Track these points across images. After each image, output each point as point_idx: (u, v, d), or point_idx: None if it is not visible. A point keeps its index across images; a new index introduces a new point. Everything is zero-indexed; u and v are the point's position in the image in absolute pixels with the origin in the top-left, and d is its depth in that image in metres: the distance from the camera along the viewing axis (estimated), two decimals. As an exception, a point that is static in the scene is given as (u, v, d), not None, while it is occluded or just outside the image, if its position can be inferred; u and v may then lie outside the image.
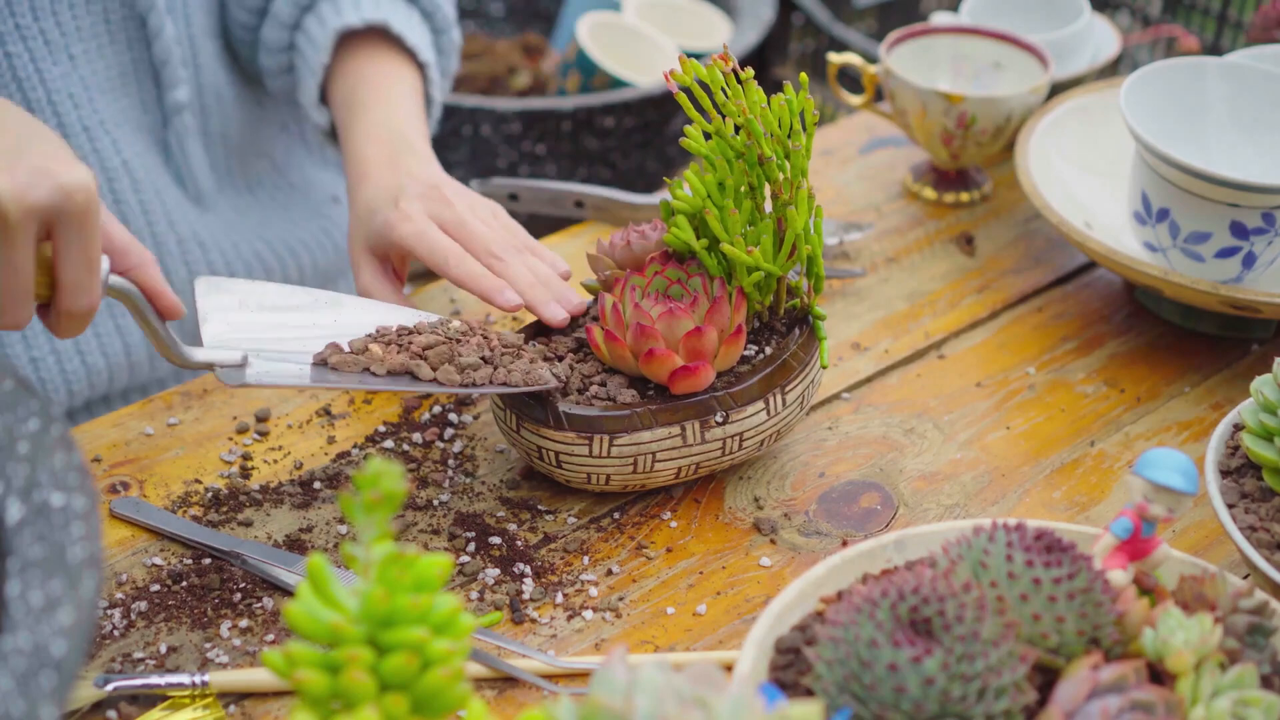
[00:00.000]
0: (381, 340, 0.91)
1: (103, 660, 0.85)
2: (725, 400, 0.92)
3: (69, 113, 1.11)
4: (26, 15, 1.09)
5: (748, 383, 0.93)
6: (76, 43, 1.11)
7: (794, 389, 0.95)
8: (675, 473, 0.94)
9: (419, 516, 0.96)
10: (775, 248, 0.94)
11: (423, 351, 0.90)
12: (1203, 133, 1.13)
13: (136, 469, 0.99)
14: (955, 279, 1.20)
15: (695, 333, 0.90)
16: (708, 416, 0.92)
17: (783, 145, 0.92)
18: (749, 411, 0.93)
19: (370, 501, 0.60)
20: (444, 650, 0.61)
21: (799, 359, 0.95)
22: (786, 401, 0.94)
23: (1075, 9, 1.34)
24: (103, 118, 1.13)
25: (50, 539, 0.54)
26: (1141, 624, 0.71)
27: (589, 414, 0.91)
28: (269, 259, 1.27)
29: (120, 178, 1.15)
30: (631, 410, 0.91)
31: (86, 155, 1.13)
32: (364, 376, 0.89)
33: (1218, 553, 0.95)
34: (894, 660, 0.65)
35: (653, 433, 0.91)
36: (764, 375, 0.93)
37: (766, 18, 2.06)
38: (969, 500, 0.99)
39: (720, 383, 0.93)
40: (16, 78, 1.09)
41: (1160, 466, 0.73)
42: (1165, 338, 1.14)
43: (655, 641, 0.88)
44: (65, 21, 1.10)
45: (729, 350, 0.92)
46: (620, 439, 0.91)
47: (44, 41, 1.10)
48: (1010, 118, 1.23)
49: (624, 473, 0.92)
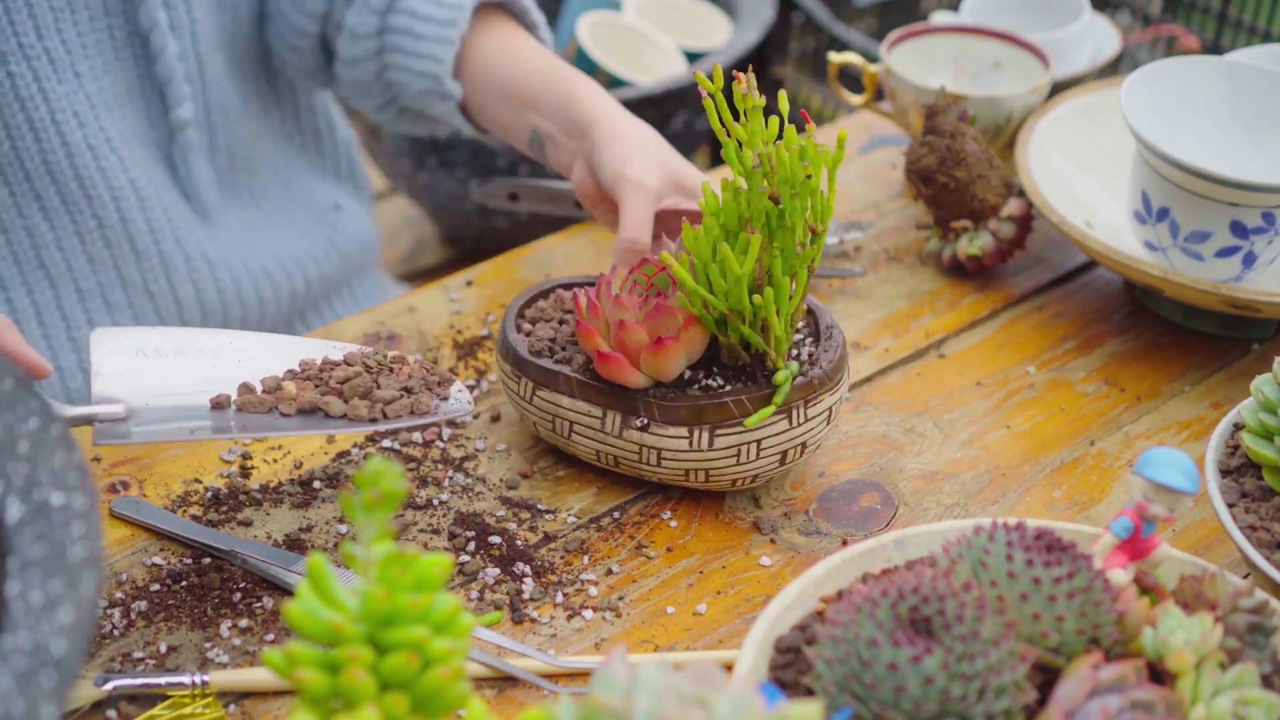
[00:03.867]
0: (301, 376, 0.89)
1: (103, 660, 0.85)
2: (652, 408, 0.92)
3: (74, 131, 1.11)
4: (30, 34, 1.08)
5: (679, 404, 0.91)
6: (82, 60, 1.11)
7: (725, 435, 0.91)
8: (595, 455, 0.96)
9: (419, 516, 0.96)
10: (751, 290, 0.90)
11: (340, 385, 0.89)
12: (1203, 132, 1.13)
13: (136, 468, 0.99)
14: (955, 278, 1.20)
15: (621, 325, 0.91)
16: (630, 415, 0.92)
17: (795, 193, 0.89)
18: (670, 432, 0.92)
19: (370, 501, 0.60)
20: (444, 650, 0.61)
21: (742, 408, 0.91)
22: (713, 443, 0.92)
23: (1075, 8, 1.34)
24: (108, 135, 1.13)
25: (50, 538, 0.54)
26: (1141, 623, 0.71)
27: (532, 359, 0.96)
28: (276, 273, 1.26)
29: (127, 196, 1.14)
30: (560, 372, 0.94)
31: (92, 174, 1.12)
32: (272, 419, 0.87)
33: (1218, 552, 0.95)
34: (894, 659, 0.65)
35: (572, 401, 0.94)
36: (697, 406, 0.91)
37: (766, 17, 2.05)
38: (969, 499, 0.99)
39: (658, 392, 0.92)
40: (19, 97, 1.08)
41: (1160, 466, 0.73)
42: (1165, 337, 1.14)
43: (655, 641, 0.88)
44: (70, 39, 1.10)
45: (653, 358, 0.90)
46: (543, 391, 0.95)
47: (48, 60, 1.09)
48: (1010, 117, 1.23)
49: (545, 426, 0.97)
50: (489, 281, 1.19)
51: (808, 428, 0.94)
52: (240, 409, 0.87)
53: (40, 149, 1.10)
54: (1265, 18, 1.60)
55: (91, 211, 1.13)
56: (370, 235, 1.37)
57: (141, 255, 1.16)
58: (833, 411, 0.95)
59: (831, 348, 0.95)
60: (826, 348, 0.95)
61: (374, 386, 0.89)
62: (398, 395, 0.89)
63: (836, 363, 0.94)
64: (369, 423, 0.88)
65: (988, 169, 1.17)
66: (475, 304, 1.16)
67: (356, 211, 1.36)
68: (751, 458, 0.93)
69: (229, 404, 0.88)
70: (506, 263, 1.21)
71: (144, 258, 1.17)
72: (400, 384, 0.90)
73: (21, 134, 1.09)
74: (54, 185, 1.12)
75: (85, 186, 1.13)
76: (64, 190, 1.12)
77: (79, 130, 1.11)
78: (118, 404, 0.86)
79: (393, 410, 0.88)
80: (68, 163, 1.11)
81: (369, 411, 0.88)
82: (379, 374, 0.90)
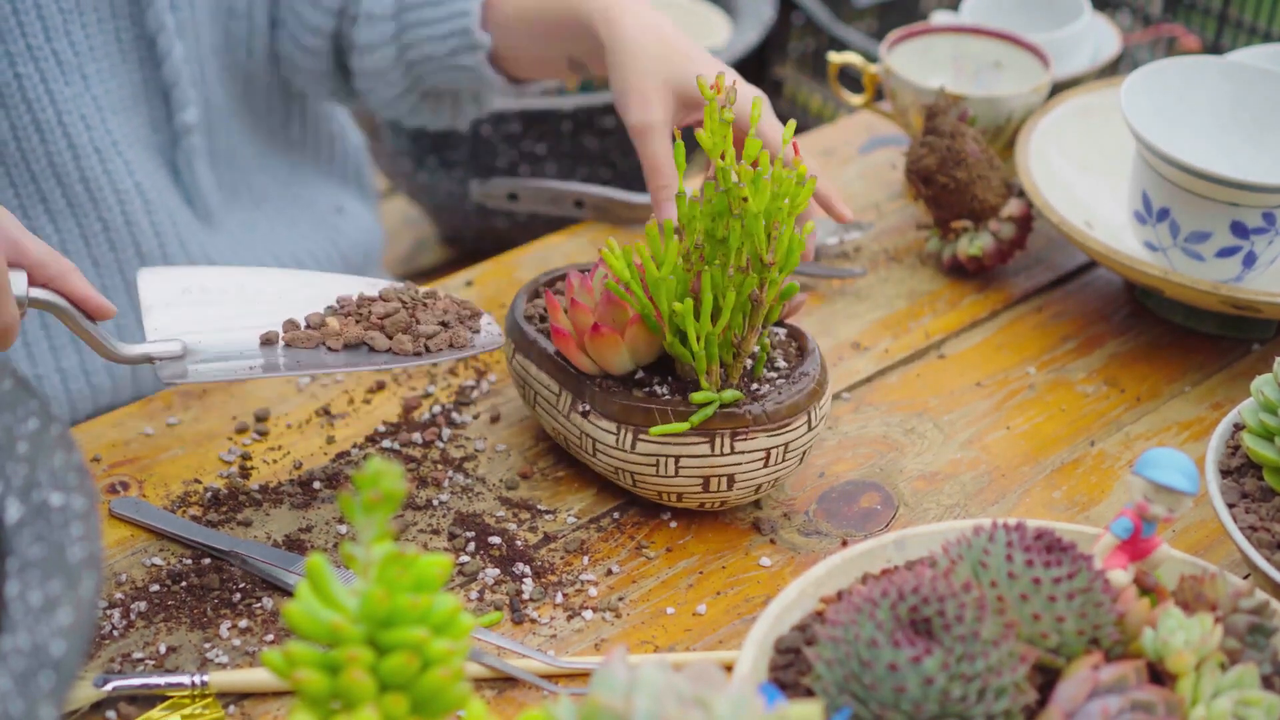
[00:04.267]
0: (341, 312, 0.91)
1: (102, 660, 0.85)
2: (595, 397, 0.92)
3: (80, 134, 1.11)
4: (39, 35, 1.08)
5: (616, 399, 0.91)
6: (89, 62, 1.10)
7: (646, 441, 0.90)
8: (552, 430, 0.96)
9: (419, 516, 0.96)
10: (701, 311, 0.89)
11: (381, 320, 0.90)
12: (1203, 132, 1.13)
13: (136, 469, 0.99)
14: (955, 278, 1.20)
15: (574, 304, 0.91)
16: (577, 399, 0.93)
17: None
18: (604, 425, 0.91)
19: (370, 501, 0.60)
20: (444, 650, 0.61)
21: (665, 418, 0.90)
22: (634, 446, 0.91)
23: (1076, 8, 1.34)
24: (115, 139, 1.13)
25: (49, 539, 0.54)
26: (1142, 624, 0.71)
27: (520, 323, 0.98)
28: None
29: (132, 200, 1.14)
30: (535, 341, 0.96)
31: (98, 176, 1.12)
32: (320, 354, 0.89)
33: (1218, 553, 0.95)
34: (894, 660, 0.65)
35: (538, 372, 0.95)
36: (628, 405, 0.90)
37: (766, 17, 2.05)
38: (969, 500, 0.99)
39: (604, 383, 0.92)
40: (26, 99, 1.08)
41: (1161, 466, 0.73)
42: (1165, 337, 1.14)
43: (655, 641, 0.88)
44: (78, 41, 1.10)
45: (591, 343, 0.90)
46: (519, 356, 0.97)
47: (56, 62, 1.09)
48: (1010, 117, 1.23)
49: (519, 389, 0.99)
50: (489, 281, 1.19)
51: (734, 461, 0.90)
52: (289, 345, 0.89)
53: (47, 151, 1.10)
54: (1265, 18, 1.60)
55: (97, 214, 1.13)
56: (374, 238, 1.37)
57: (146, 258, 1.16)
58: (773, 455, 0.91)
59: (789, 391, 0.91)
60: (782, 390, 0.91)
61: (413, 321, 0.91)
62: (437, 329, 0.90)
63: (783, 408, 0.90)
64: (413, 356, 0.89)
65: (988, 169, 1.17)
66: (475, 304, 1.15)
67: (360, 214, 1.36)
68: (670, 472, 0.91)
69: (277, 340, 0.89)
70: (506, 263, 1.21)
71: (148, 260, 1.17)
72: (437, 318, 0.91)
73: (28, 136, 1.09)
74: (60, 188, 1.12)
75: (91, 189, 1.12)
76: (70, 193, 1.12)
77: (85, 133, 1.11)
78: (175, 342, 0.88)
79: (434, 344, 0.90)
80: (74, 165, 1.11)
81: (413, 345, 0.90)
82: (415, 309, 0.92)
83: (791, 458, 0.92)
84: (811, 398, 0.92)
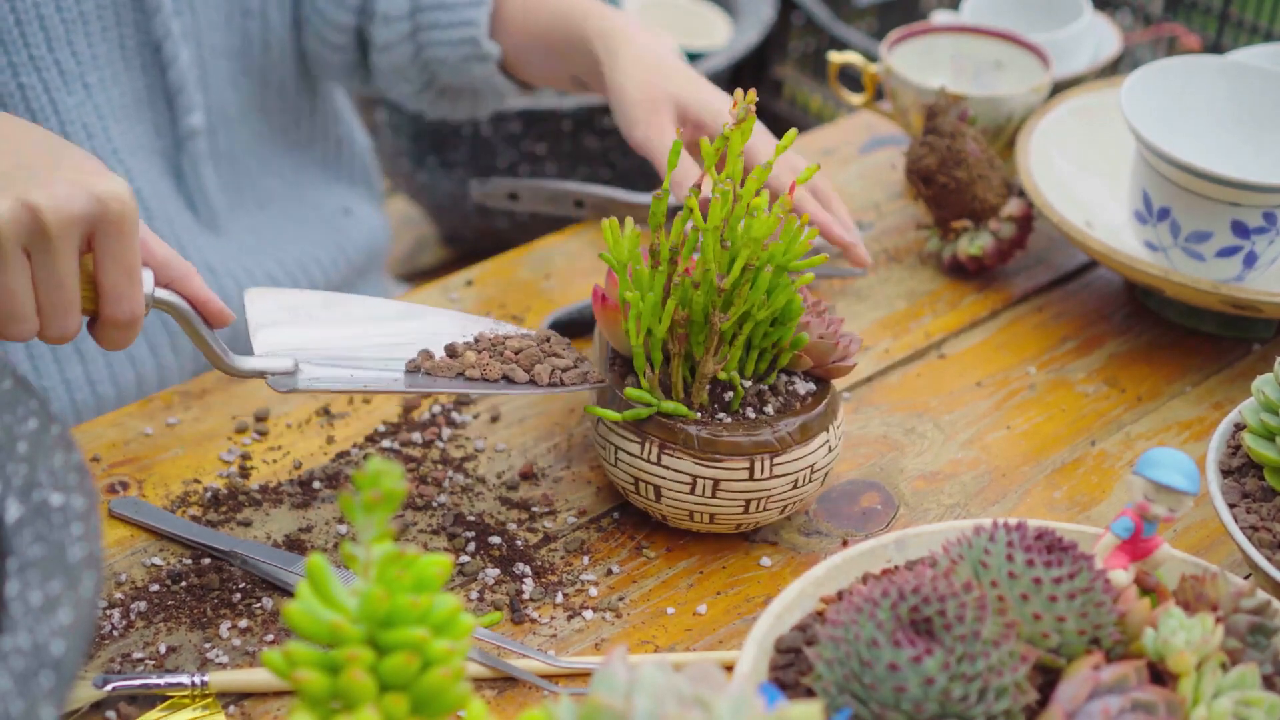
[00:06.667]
0: (477, 348, 0.92)
1: (102, 660, 0.85)
2: (609, 367, 0.93)
3: (82, 142, 1.10)
4: (41, 45, 1.07)
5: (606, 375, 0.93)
6: (92, 71, 1.10)
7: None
8: None
9: (419, 516, 0.96)
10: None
11: (515, 356, 0.92)
12: (1203, 132, 1.13)
13: (136, 469, 0.99)
14: (955, 278, 1.20)
15: (609, 275, 0.91)
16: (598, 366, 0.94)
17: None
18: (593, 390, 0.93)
19: (370, 501, 0.60)
20: (444, 650, 0.60)
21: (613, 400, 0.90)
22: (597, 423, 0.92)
23: (1076, 8, 1.34)
24: (116, 146, 1.13)
25: (49, 539, 0.54)
26: (1143, 624, 0.71)
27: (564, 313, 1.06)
28: (281, 279, 1.26)
29: None
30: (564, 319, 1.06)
31: None
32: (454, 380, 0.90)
33: (1219, 552, 0.95)
34: (894, 660, 0.65)
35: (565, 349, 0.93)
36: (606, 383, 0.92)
37: (766, 17, 2.06)
38: (969, 500, 0.98)
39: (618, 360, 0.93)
40: (30, 109, 1.08)
41: (1161, 466, 0.73)
42: (1165, 337, 1.14)
43: (655, 641, 0.88)
44: (81, 50, 1.09)
45: (598, 314, 0.92)
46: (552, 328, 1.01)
47: (59, 71, 1.09)
48: (1011, 117, 1.22)
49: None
50: (488, 281, 1.19)
51: (659, 472, 0.89)
52: (428, 373, 0.91)
53: None
54: (1266, 17, 1.60)
55: None
56: (380, 239, 1.38)
57: None
58: (702, 486, 0.89)
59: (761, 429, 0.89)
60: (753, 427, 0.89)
61: (542, 356, 0.92)
62: (572, 364, 0.92)
63: (728, 443, 0.88)
64: (548, 386, 0.91)
65: (988, 169, 1.17)
66: (475, 304, 1.15)
67: (367, 215, 1.37)
68: (611, 461, 0.92)
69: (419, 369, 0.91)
70: (506, 263, 1.21)
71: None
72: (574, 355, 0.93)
73: None
74: None
75: None
76: None
77: (88, 141, 1.11)
78: (287, 358, 0.89)
79: (570, 377, 0.91)
80: None
81: (549, 377, 0.91)
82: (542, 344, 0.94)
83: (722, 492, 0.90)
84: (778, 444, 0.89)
